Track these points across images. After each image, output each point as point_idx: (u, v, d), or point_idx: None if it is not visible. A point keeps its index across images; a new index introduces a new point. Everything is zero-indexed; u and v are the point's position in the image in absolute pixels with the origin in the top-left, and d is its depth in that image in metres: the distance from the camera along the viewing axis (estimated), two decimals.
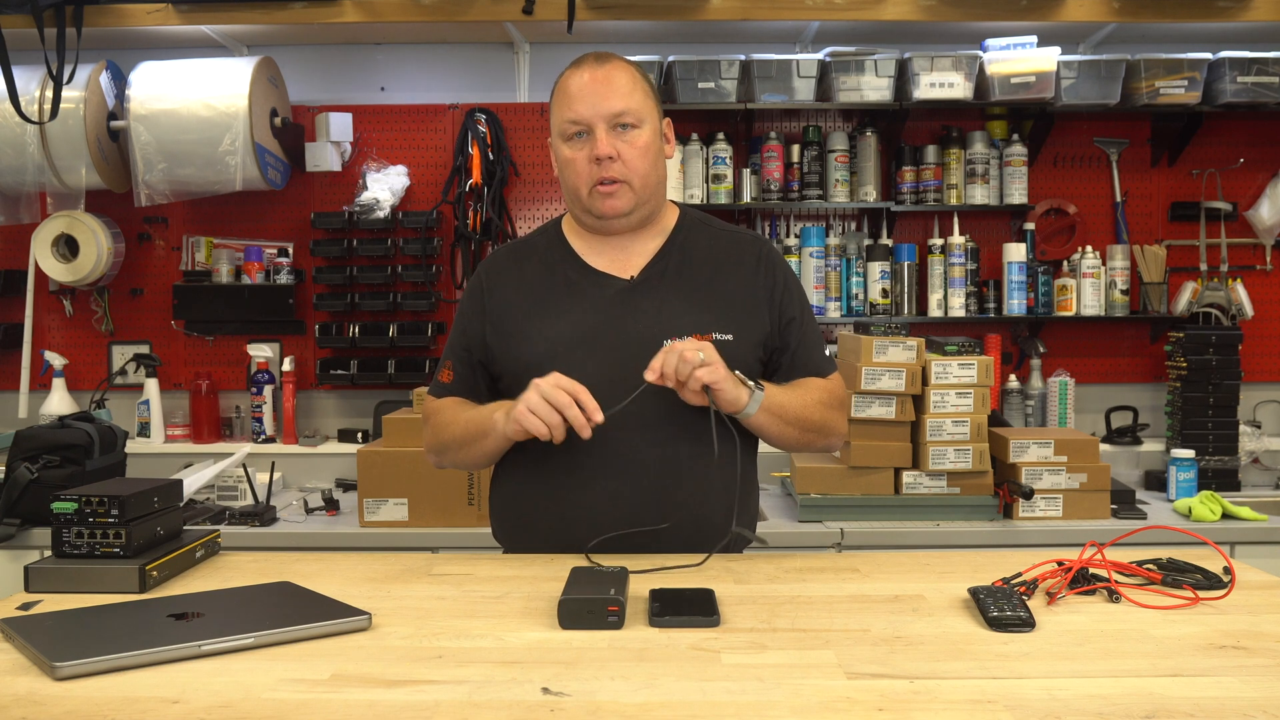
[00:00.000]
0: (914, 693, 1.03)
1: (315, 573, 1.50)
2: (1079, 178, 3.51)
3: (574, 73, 1.68)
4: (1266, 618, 1.27)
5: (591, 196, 1.67)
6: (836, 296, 3.41)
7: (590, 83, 1.65)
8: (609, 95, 1.64)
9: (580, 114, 1.65)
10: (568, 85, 1.68)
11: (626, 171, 1.66)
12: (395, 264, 3.45)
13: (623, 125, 1.65)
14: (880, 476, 2.76)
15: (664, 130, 1.74)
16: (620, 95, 1.65)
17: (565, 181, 1.71)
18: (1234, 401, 3.21)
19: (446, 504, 2.74)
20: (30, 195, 3.35)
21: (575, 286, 1.72)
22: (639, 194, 1.68)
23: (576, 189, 1.69)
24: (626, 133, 1.66)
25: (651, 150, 1.68)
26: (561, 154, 1.69)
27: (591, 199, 1.67)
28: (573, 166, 1.67)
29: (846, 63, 3.24)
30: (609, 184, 1.65)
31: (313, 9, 3.15)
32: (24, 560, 1.79)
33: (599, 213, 1.68)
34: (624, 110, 1.65)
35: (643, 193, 1.68)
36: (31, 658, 1.11)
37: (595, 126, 1.64)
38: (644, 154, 1.67)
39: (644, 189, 1.68)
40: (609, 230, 1.72)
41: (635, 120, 1.66)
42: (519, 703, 1.01)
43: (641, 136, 1.67)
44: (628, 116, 1.65)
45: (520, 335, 1.70)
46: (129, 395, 3.50)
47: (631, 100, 1.66)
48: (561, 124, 1.67)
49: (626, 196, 1.67)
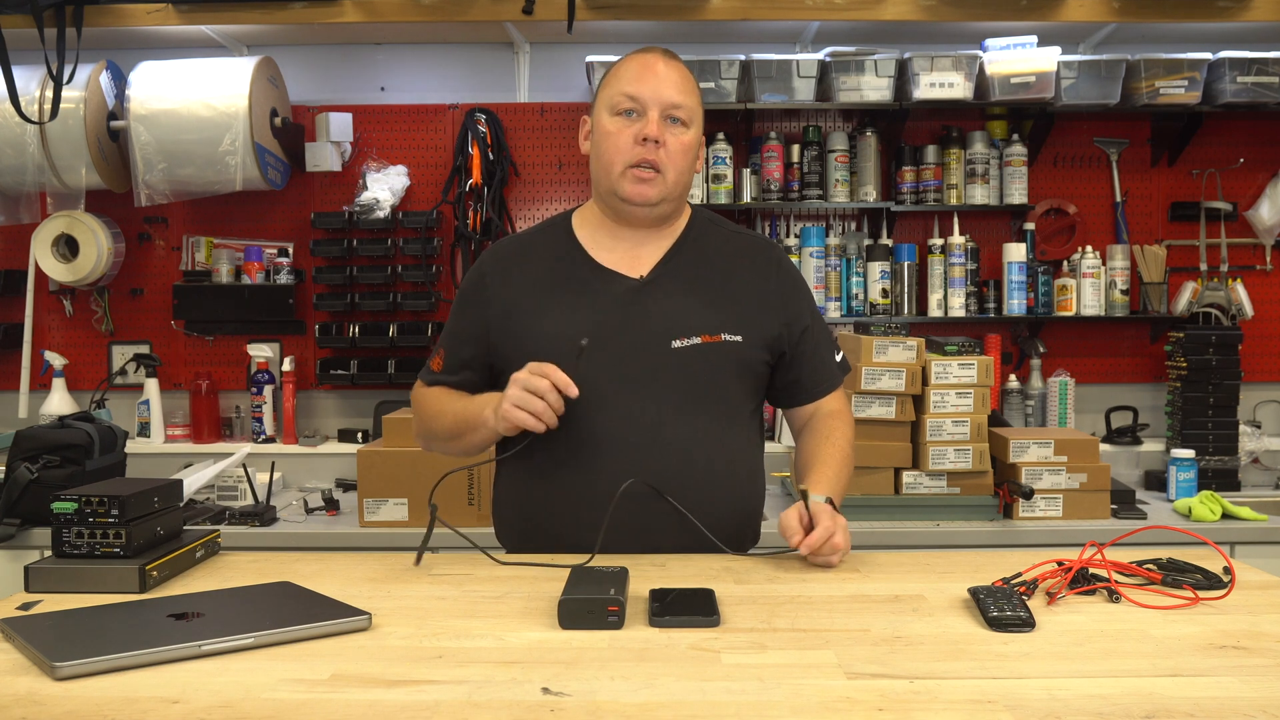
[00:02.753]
0: (914, 693, 1.03)
1: (315, 573, 1.50)
2: (1079, 178, 3.51)
3: (640, 55, 1.69)
4: (1266, 618, 1.27)
5: (623, 177, 1.65)
6: (836, 296, 3.41)
7: (655, 68, 1.66)
8: (671, 85, 1.65)
9: (639, 92, 1.64)
10: (630, 64, 1.68)
11: (666, 162, 1.65)
12: (395, 264, 3.45)
13: (674, 119, 1.66)
14: (880, 476, 2.76)
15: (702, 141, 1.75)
16: (681, 90, 1.66)
17: (601, 155, 1.68)
18: (1234, 401, 3.21)
19: (446, 504, 2.71)
20: (30, 195, 3.35)
21: (583, 283, 1.70)
22: (670, 189, 1.67)
23: (610, 164, 1.67)
24: (675, 127, 1.66)
25: (692, 152, 1.69)
26: (604, 124, 1.67)
27: (622, 179, 1.66)
28: (614, 140, 1.66)
29: (846, 63, 3.24)
30: (647, 169, 1.64)
31: (313, 9, 3.14)
32: (24, 560, 1.79)
33: (625, 195, 1.66)
34: (681, 104, 1.65)
35: (674, 189, 1.68)
36: (31, 658, 1.11)
37: (650, 109, 1.64)
38: (686, 152, 1.67)
39: (676, 185, 1.68)
40: (630, 218, 1.70)
41: (687, 118, 1.67)
42: (519, 703, 1.00)
43: (688, 134, 1.68)
44: (682, 112, 1.66)
45: (525, 331, 1.68)
46: (129, 395, 3.50)
47: (689, 99, 1.67)
48: (615, 96, 1.66)
49: (659, 186, 1.66)
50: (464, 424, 1.67)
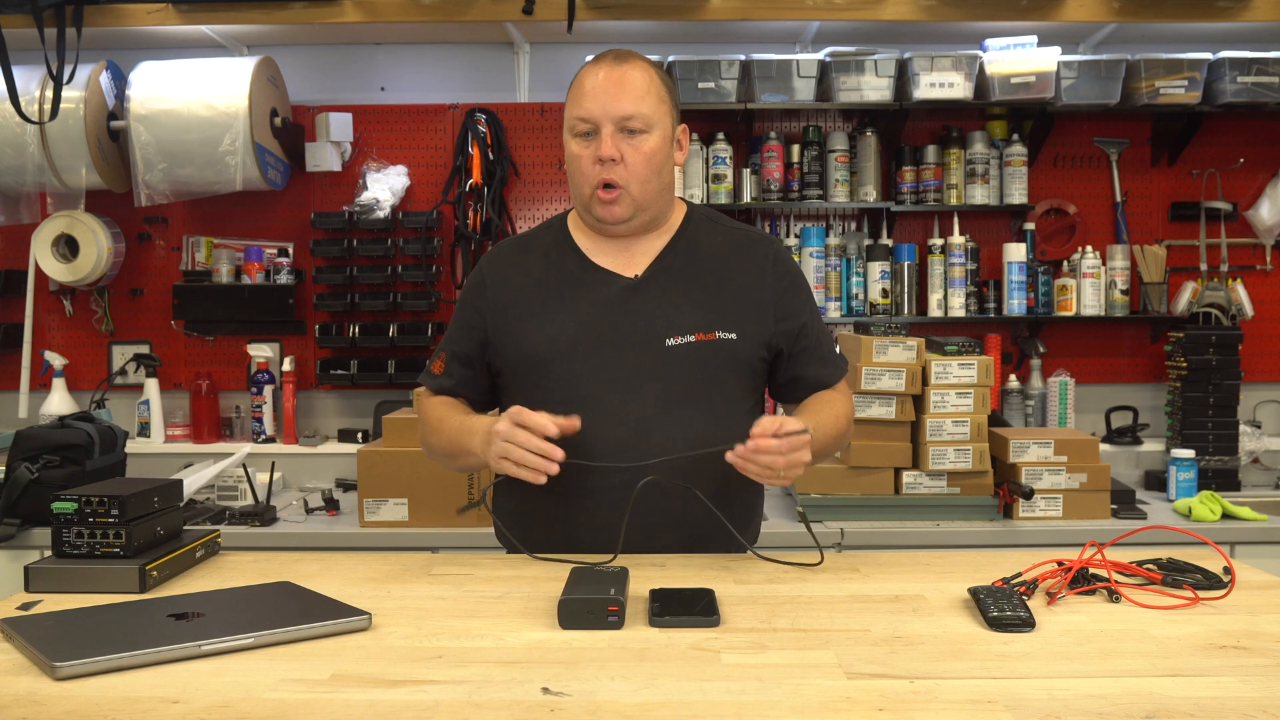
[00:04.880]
0: (914, 693, 1.03)
1: (315, 573, 1.50)
2: (1079, 178, 3.51)
3: (591, 69, 1.67)
4: (1266, 618, 1.27)
5: (592, 199, 1.67)
6: (836, 296, 3.41)
7: (604, 82, 1.64)
8: (620, 97, 1.63)
9: (590, 112, 1.64)
10: (583, 81, 1.67)
11: (627, 176, 1.65)
12: (395, 264, 3.45)
13: (630, 130, 1.64)
14: (880, 476, 2.76)
15: (677, 136, 1.72)
16: (632, 98, 1.63)
17: (571, 178, 1.71)
18: (1234, 401, 3.21)
19: (446, 504, 2.74)
20: (30, 195, 3.36)
21: (578, 283, 1.71)
22: (638, 201, 1.67)
23: (580, 187, 1.69)
24: (633, 137, 1.64)
25: (657, 157, 1.67)
26: (570, 148, 1.69)
27: (592, 202, 1.67)
28: (578, 164, 1.67)
29: (846, 63, 3.24)
30: (609, 190, 1.65)
31: (313, 9, 3.14)
32: (24, 560, 1.79)
33: (597, 216, 1.68)
34: (633, 114, 1.63)
35: (642, 199, 1.67)
36: (31, 658, 1.11)
37: (602, 126, 1.64)
38: (648, 160, 1.65)
39: (644, 196, 1.67)
40: (609, 234, 1.72)
41: (643, 125, 1.65)
42: (519, 703, 1.00)
43: (648, 142, 1.65)
44: (636, 121, 1.64)
45: (521, 331, 1.69)
46: (129, 395, 3.50)
47: (643, 105, 1.64)
48: (572, 120, 1.67)
49: (625, 204, 1.66)
50: (457, 448, 1.68)
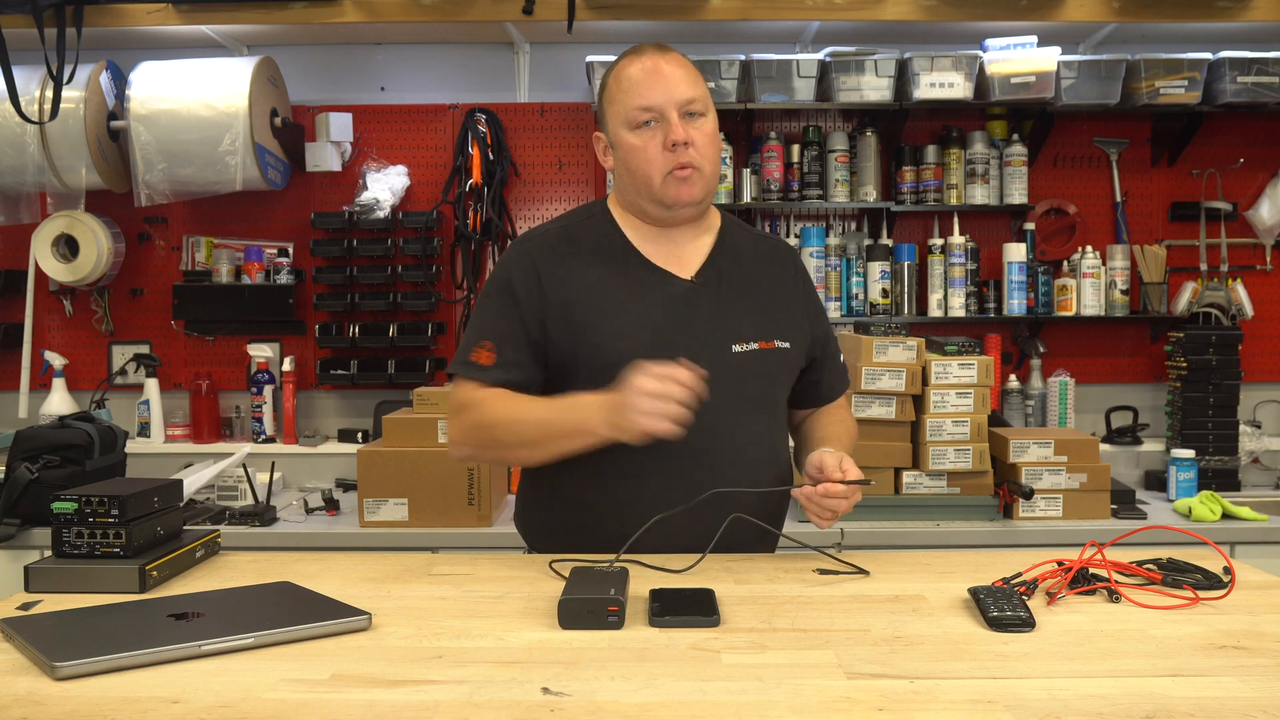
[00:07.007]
0: (914, 693, 1.03)
1: (315, 573, 1.50)
2: (1079, 178, 3.51)
3: (636, 60, 1.66)
4: (1266, 618, 1.27)
5: (665, 184, 1.64)
6: (836, 296, 3.41)
7: (659, 70, 1.64)
8: (680, 82, 1.64)
9: (653, 100, 1.63)
10: (631, 73, 1.65)
11: (700, 158, 1.64)
12: (395, 264, 3.45)
13: (691, 113, 1.64)
14: (880, 476, 2.75)
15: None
16: (689, 83, 1.65)
17: (634, 171, 1.66)
18: (1234, 401, 3.21)
19: (446, 504, 2.74)
20: (30, 195, 3.36)
21: (639, 282, 1.67)
22: (709, 182, 1.67)
23: (649, 178, 1.64)
24: (695, 120, 1.65)
25: (717, 139, 1.69)
26: (626, 143, 1.65)
27: (665, 187, 1.64)
28: (643, 154, 1.64)
29: (846, 63, 3.24)
30: (684, 170, 1.63)
31: (313, 9, 3.14)
32: (24, 560, 1.79)
33: (671, 201, 1.65)
34: (694, 97, 1.64)
35: (712, 181, 1.68)
36: (31, 658, 1.11)
37: (668, 113, 1.63)
38: (711, 141, 1.67)
39: (713, 177, 1.68)
40: (674, 221, 1.69)
41: (703, 108, 1.66)
42: (519, 703, 1.01)
43: (708, 124, 1.67)
44: (697, 104, 1.64)
45: (593, 330, 1.63)
46: (129, 395, 3.50)
47: (698, 89, 1.66)
48: (629, 112, 1.64)
49: (699, 184, 1.65)
50: (555, 431, 1.56)
